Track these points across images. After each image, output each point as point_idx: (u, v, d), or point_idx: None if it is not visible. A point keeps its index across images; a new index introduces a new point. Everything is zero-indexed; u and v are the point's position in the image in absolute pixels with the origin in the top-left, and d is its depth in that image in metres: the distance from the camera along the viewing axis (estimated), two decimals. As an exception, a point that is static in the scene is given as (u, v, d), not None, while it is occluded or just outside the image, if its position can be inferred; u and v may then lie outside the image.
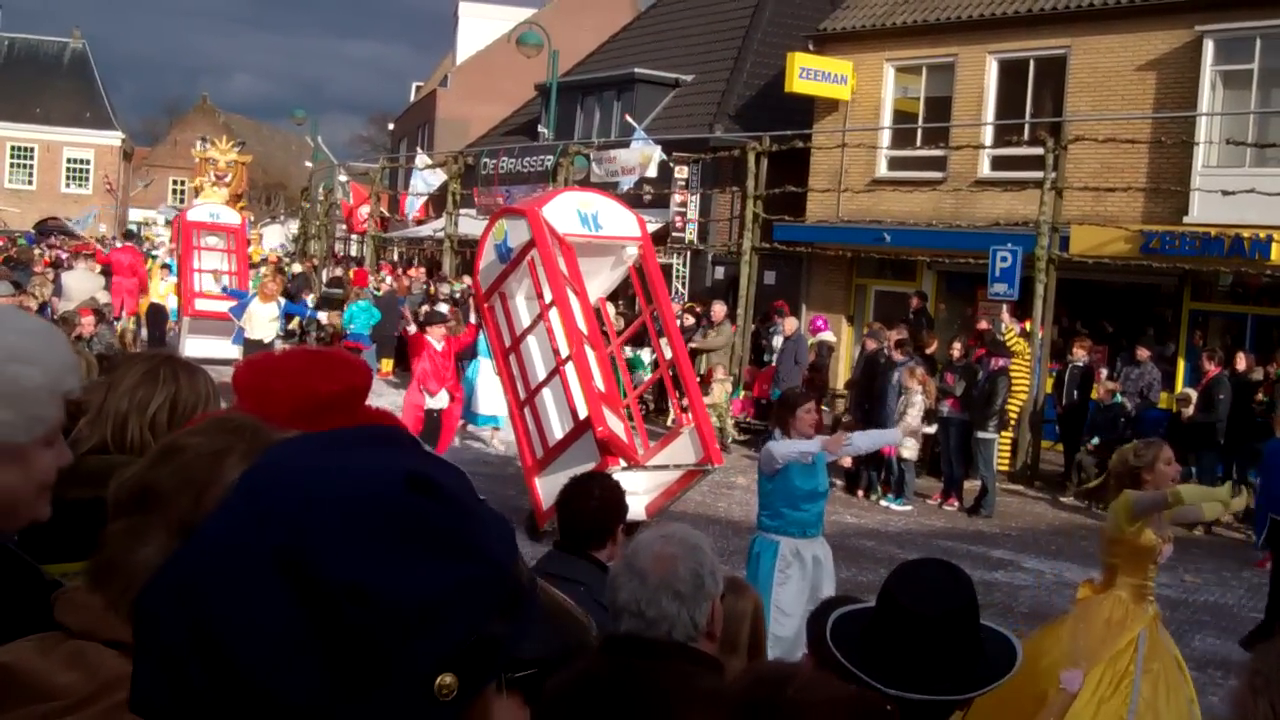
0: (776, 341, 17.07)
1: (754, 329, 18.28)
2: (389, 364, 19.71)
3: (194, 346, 17.55)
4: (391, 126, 50.44)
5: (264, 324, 16.71)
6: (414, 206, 28.27)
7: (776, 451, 6.48)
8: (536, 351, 10.32)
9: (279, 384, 2.30)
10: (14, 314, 1.66)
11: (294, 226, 38.93)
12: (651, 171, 20.59)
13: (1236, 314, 16.70)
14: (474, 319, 13.65)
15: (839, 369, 19.28)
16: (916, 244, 18.74)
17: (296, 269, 26.25)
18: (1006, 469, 14.25)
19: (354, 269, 24.99)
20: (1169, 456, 5.40)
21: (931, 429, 13.30)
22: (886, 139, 20.35)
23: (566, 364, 9.66)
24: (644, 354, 16.91)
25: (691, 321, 17.42)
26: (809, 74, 20.37)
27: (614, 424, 9.50)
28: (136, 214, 53.63)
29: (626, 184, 19.95)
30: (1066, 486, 14.06)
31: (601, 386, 9.91)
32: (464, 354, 14.46)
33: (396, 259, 32.72)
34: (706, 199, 21.84)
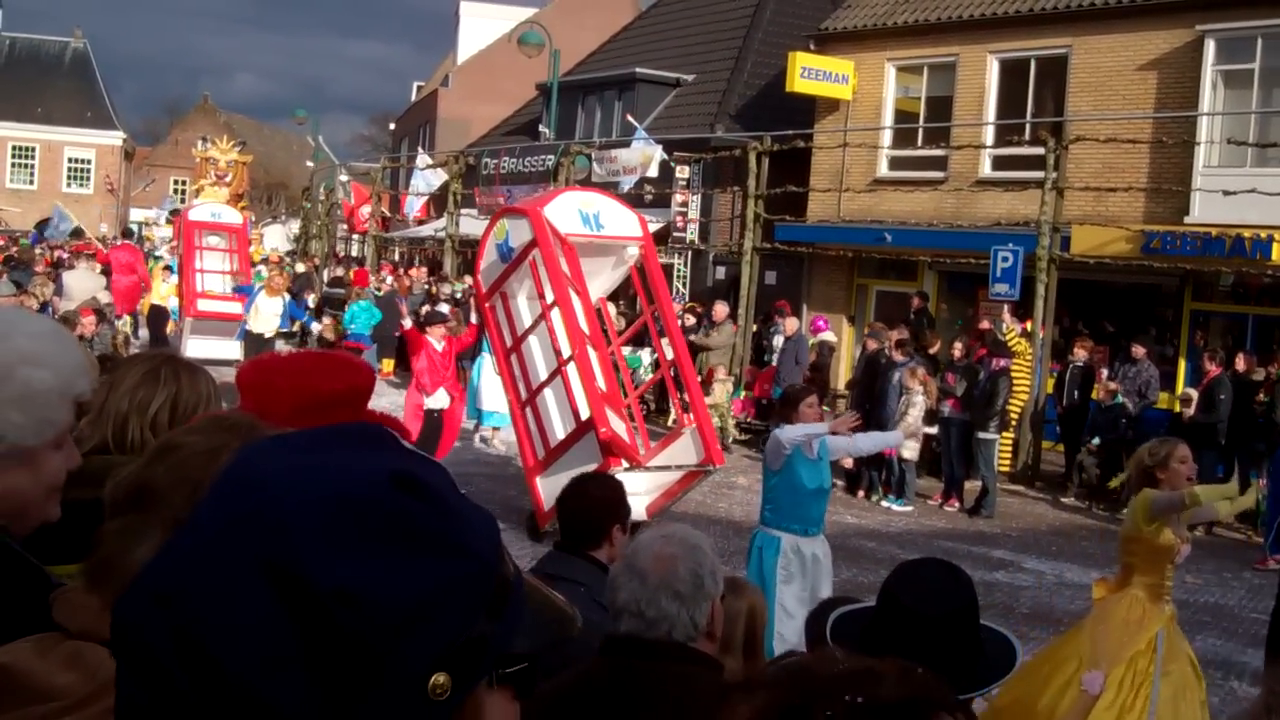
0: (777, 341, 17.06)
1: (755, 329, 18.28)
2: (390, 364, 19.70)
3: (196, 347, 17.53)
4: (393, 126, 50.46)
5: (267, 318, 16.71)
6: (414, 206, 28.27)
7: (784, 437, 6.40)
8: (538, 351, 10.31)
9: (282, 381, 2.30)
10: (25, 316, 1.66)
11: (295, 226, 38.92)
12: (653, 171, 20.58)
13: (1237, 314, 16.69)
14: (475, 319, 13.65)
15: (840, 369, 19.27)
16: (918, 244, 18.73)
17: (300, 268, 26.23)
18: (1007, 469, 14.24)
19: (354, 269, 24.97)
20: (1183, 455, 5.37)
21: (933, 429, 13.29)
22: (888, 139, 20.34)
23: (568, 364, 9.65)
24: (643, 354, 16.90)
25: (693, 321, 17.43)
26: (810, 73, 20.36)
27: (616, 424, 9.50)
28: (138, 214, 53.64)
29: (627, 184, 19.94)
30: (1067, 487, 14.05)
31: (603, 387, 9.90)
32: (465, 354, 14.45)
33: (398, 259, 32.72)
34: (707, 199, 21.83)
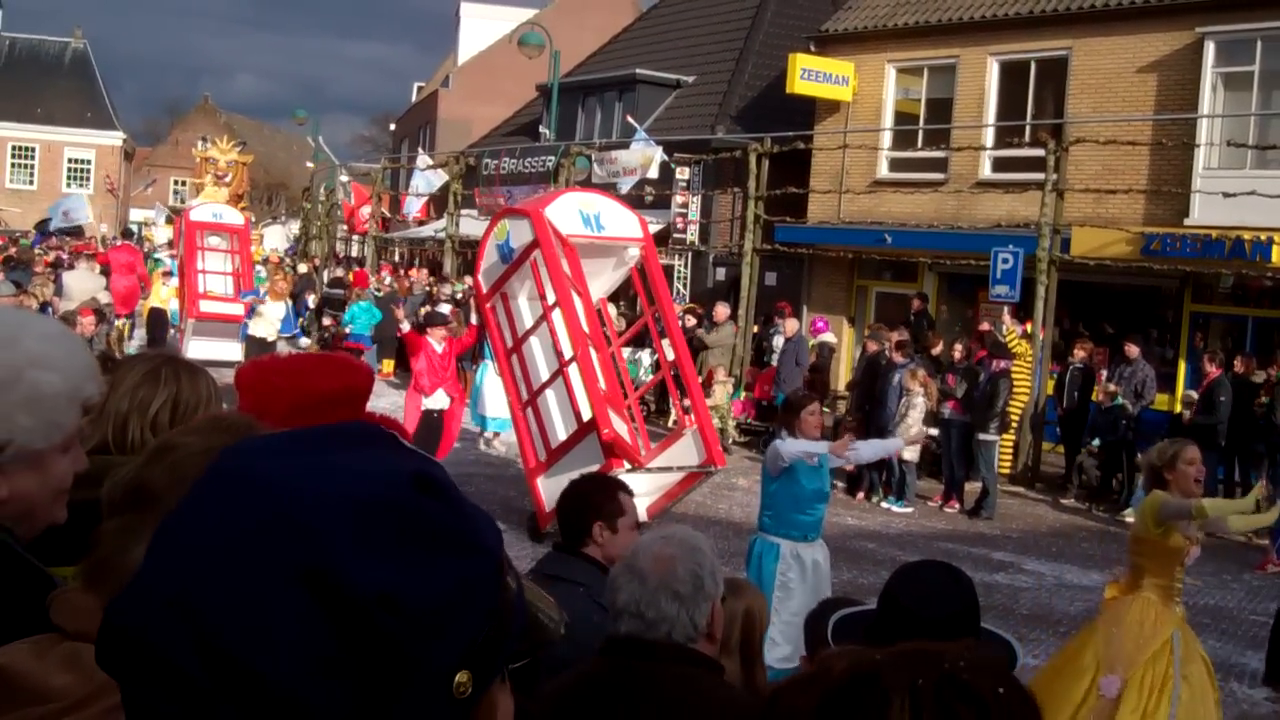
0: (777, 343, 17.06)
1: (755, 330, 18.27)
2: (390, 364, 19.70)
3: (197, 348, 17.45)
4: (393, 127, 50.47)
5: (269, 322, 16.68)
6: (414, 207, 28.23)
7: (783, 450, 6.47)
8: (539, 352, 10.29)
9: (280, 381, 2.31)
10: (34, 319, 1.65)
11: (295, 227, 38.93)
12: (653, 172, 20.57)
13: (1237, 316, 16.69)
14: (475, 319, 13.64)
15: (840, 370, 19.27)
16: (918, 245, 18.73)
17: (302, 269, 26.21)
18: (1007, 471, 14.24)
19: (354, 270, 24.96)
20: (1191, 457, 5.37)
21: (933, 431, 13.29)
22: (888, 140, 20.34)
23: (570, 365, 9.64)
24: (643, 355, 16.89)
25: (693, 323, 17.43)
26: (810, 75, 20.37)
27: (618, 426, 9.49)
28: (138, 214, 53.66)
29: (625, 185, 19.91)
30: (1067, 489, 14.06)
31: (605, 387, 9.89)
32: (464, 355, 14.43)
33: (398, 259, 32.72)
34: (708, 200, 21.83)
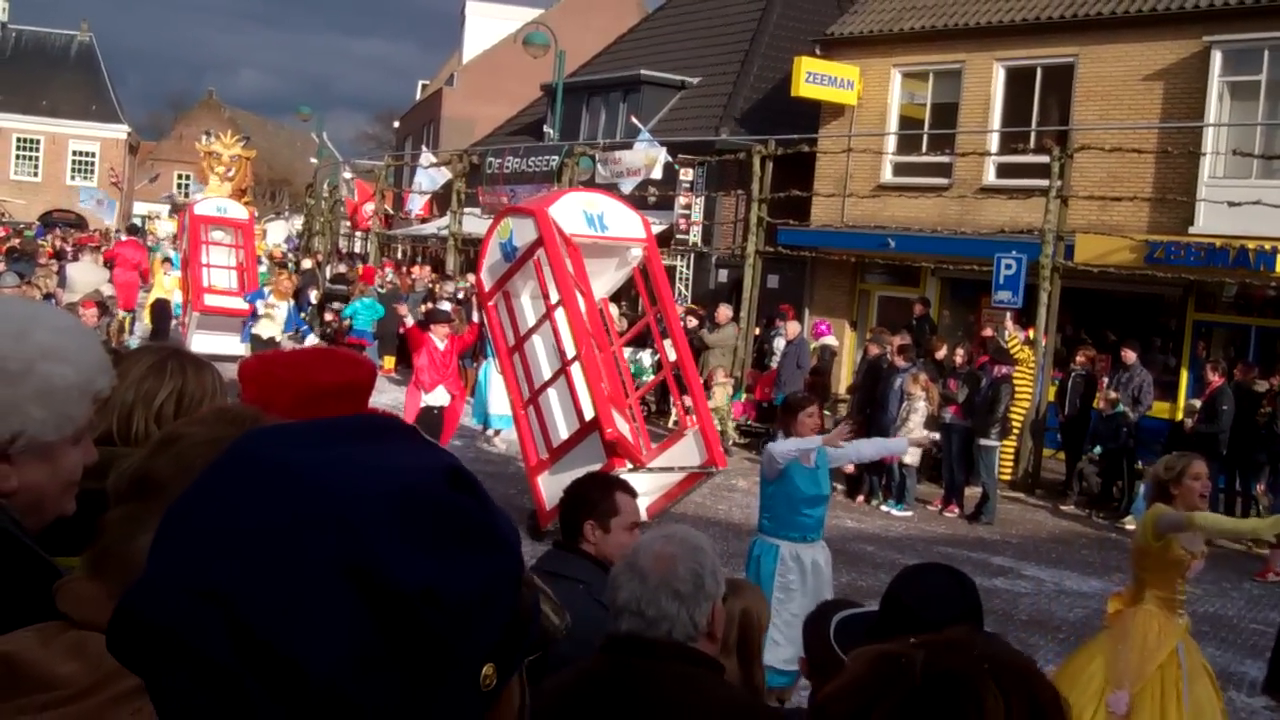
0: (778, 345, 17.06)
1: (757, 333, 18.27)
2: (391, 361, 19.70)
3: (201, 342, 17.44)
4: (397, 124, 50.52)
5: (275, 322, 16.68)
6: (417, 204, 28.22)
7: (776, 451, 6.44)
8: (541, 350, 10.29)
9: (283, 373, 2.32)
10: (48, 312, 1.65)
11: (298, 223, 38.96)
12: (656, 173, 20.57)
13: (1240, 325, 16.68)
14: (477, 317, 13.64)
15: (841, 374, 19.26)
16: (921, 250, 18.72)
17: (306, 265, 26.18)
18: (1008, 476, 14.24)
19: (363, 266, 24.95)
20: (1198, 472, 5.36)
21: (935, 436, 13.28)
22: (892, 144, 20.33)
23: (573, 364, 9.64)
24: (644, 355, 16.88)
25: (695, 324, 17.42)
26: (815, 78, 20.37)
27: (621, 425, 9.48)
28: (141, 208, 53.71)
29: (627, 186, 19.90)
30: (1067, 495, 14.05)
31: (608, 387, 9.89)
32: (466, 352, 14.42)
33: (400, 256, 32.73)
34: (711, 201, 21.83)
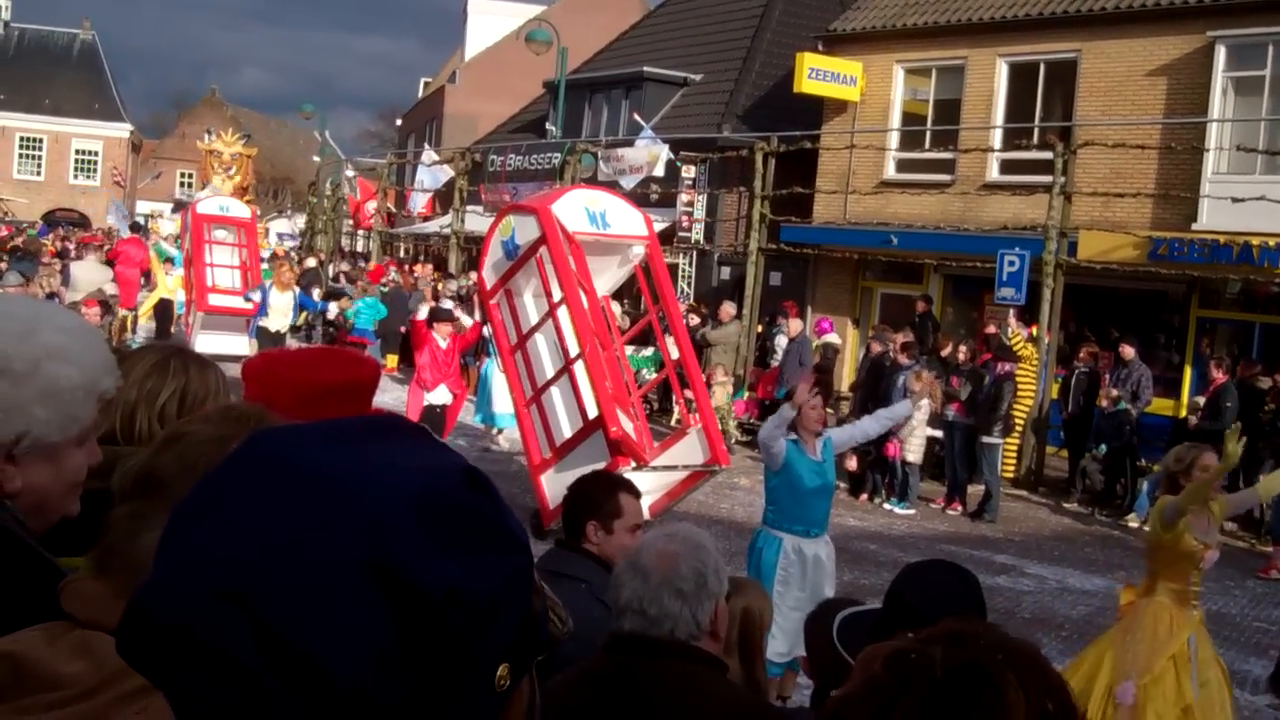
0: (780, 342, 17.04)
1: (759, 330, 18.25)
2: (394, 359, 19.72)
3: (205, 342, 17.37)
4: (399, 122, 50.51)
5: (279, 314, 16.67)
6: (418, 202, 28.17)
7: (762, 436, 6.47)
8: (544, 349, 10.29)
9: (285, 372, 2.33)
10: (54, 312, 1.65)
11: (301, 221, 38.98)
12: (658, 170, 20.56)
13: (1244, 322, 16.65)
14: (479, 315, 13.64)
15: (844, 371, 19.25)
16: (923, 247, 18.70)
17: (311, 263, 26.16)
18: (1011, 474, 14.22)
19: (374, 264, 24.97)
20: (1207, 463, 5.35)
21: (937, 433, 13.27)
22: (895, 141, 20.31)
23: (576, 362, 9.63)
24: (647, 352, 16.87)
25: (696, 321, 17.42)
26: (818, 75, 20.34)
27: (625, 424, 9.48)
28: (144, 206, 53.74)
29: (630, 183, 19.89)
30: (1070, 493, 14.04)
31: (611, 385, 9.88)
32: (469, 351, 14.41)
33: (403, 255, 32.73)
34: (713, 199, 21.82)
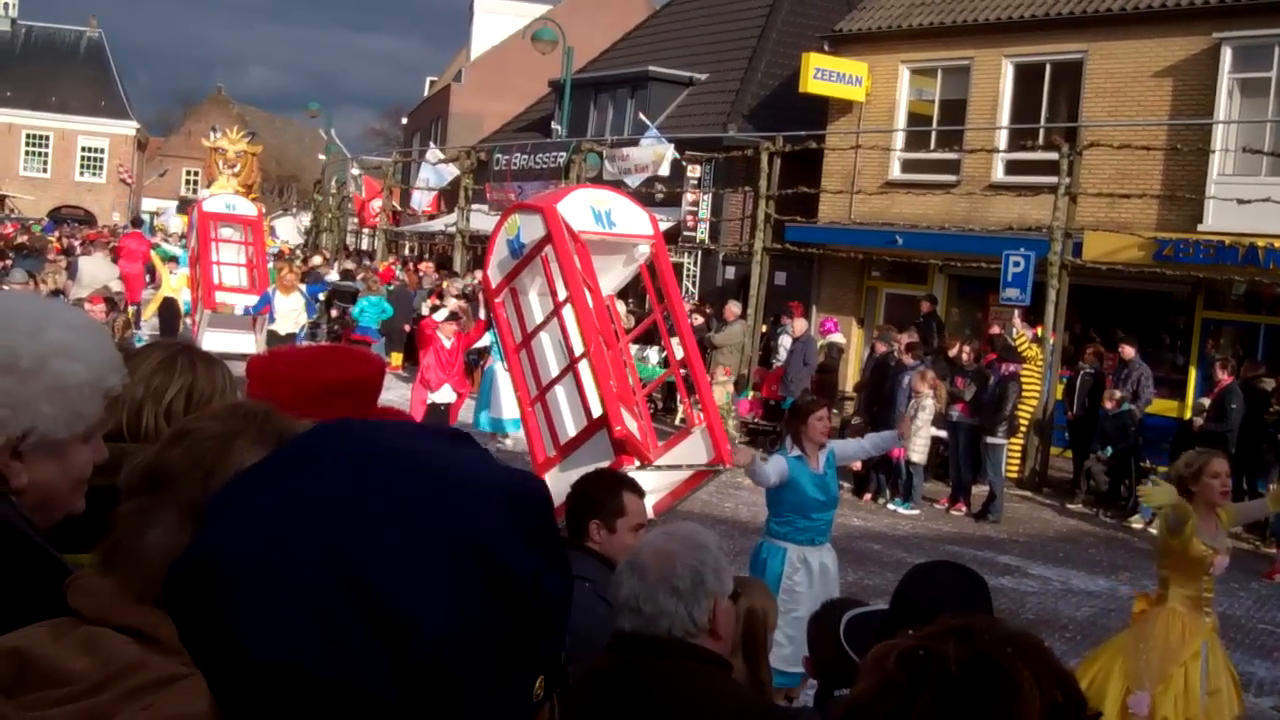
0: (783, 342, 17.02)
1: (764, 330, 18.24)
2: (398, 357, 19.77)
3: (213, 340, 17.29)
4: (405, 121, 50.51)
5: (286, 317, 16.66)
6: (420, 200, 28.11)
7: (758, 480, 6.60)
8: (549, 348, 10.29)
9: (286, 370, 2.34)
10: (59, 309, 1.66)
11: (306, 219, 39.02)
12: (664, 170, 20.55)
13: (1249, 323, 16.62)
14: (484, 314, 13.64)
15: (848, 371, 19.24)
16: (929, 247, 18.69)
17: (316, 260, 26.18)
18: (1015, 475, 14.21)
19: (383, 265, 25.01)
20: (1216, 469, 5.32)
21: (942, 433, 13.26)
22: (900, 141, 20.29)
23: (580, 361, 9.63)
24: (650, 353, 16.87)
25: (700, 321, 17.41)
26: (823, 75, 20.33)
27: (629, 423, 9.47)
28: (150, 204, 53.82)
29: (635, 182, 19.88)
30: (1075, 493, 14.02)
31: (616, 384, 9.87)
32: (471, 351, 14.42)
33: (408, 253, 32.76)
34: (718, 198, 21.81)
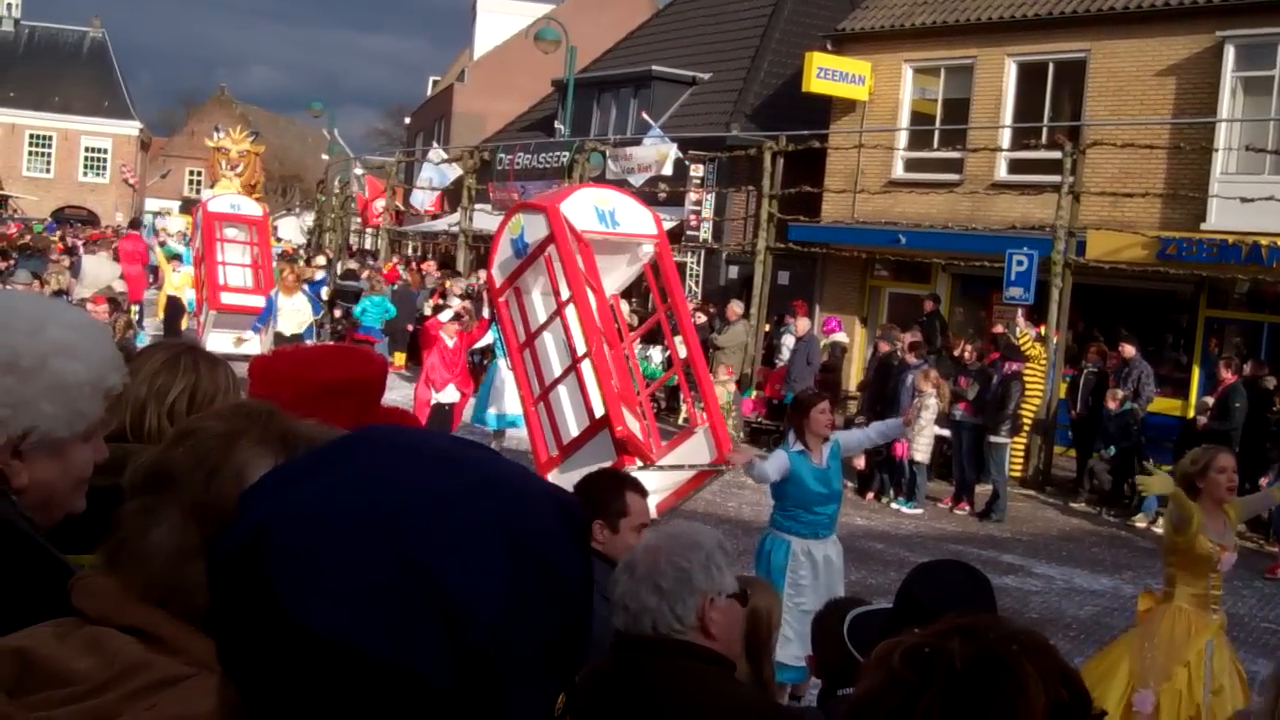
0: (786, 341, 17.02)
1: (767, 329, 18.24)
2: (402, 357, 19.78)
3: (218, 341, 17.27)
4: (408, 120, 50.52)
5: (291, 318, 16.68)
6: (423, 200, 28.07)
7: (756, 478, 6.78)
8: (552, 348, 10.29)
9: (286, 369, 2.34)
10: (60, 308, 1.66)
11: (309, 219, 39.05)
12: (667, 169, 20.54)
13: (1253, 322, 16.60)
14: (487, 314, 13.64)
15: (851, 371, 19.23)
16: (932, 246, 18.68)
17: (320, 261, 26.19)
18: (1018, 474, 14.20)
19: (388, 266, 25.03)
20: (1223, 465, 5.30)
21: (945, 432, 13.25)
22: (903, 140, 20.28)
23: (583, 361, 9.63)
24: (654, 353, 16.86)
25: (703, 320, 17.41)
26: (826, 74, 20.32)
27: (631, 423, 9.48)
28: (154, 204, 53.87)
29: (638, 181, 19.87)
30: (1078, 492, 14.02)
31: (618, 384, 9.87)
32: (474, 351, 14.42)
33: (411, 253, 32.77)
34: (722, 198, 21.80)
